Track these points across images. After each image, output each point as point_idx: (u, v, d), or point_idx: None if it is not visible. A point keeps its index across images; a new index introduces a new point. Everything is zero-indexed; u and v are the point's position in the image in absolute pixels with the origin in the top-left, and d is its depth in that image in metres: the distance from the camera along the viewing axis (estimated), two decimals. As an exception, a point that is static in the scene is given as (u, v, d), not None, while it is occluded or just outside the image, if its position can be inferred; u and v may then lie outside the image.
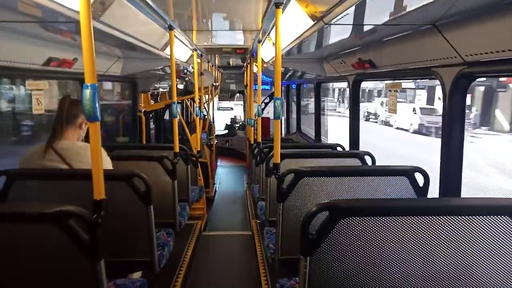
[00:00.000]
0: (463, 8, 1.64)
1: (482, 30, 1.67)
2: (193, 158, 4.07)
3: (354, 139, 3.81)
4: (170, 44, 3.15)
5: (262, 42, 3.79)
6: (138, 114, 5.20)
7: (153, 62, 4.22)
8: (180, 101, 8.08)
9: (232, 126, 11.83)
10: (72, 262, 1.45)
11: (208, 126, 7.68)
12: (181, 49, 4.23)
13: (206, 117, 7.93)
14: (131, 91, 5.08)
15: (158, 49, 3.44)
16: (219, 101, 12.60)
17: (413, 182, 2.20)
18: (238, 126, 11.91)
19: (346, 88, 4.06)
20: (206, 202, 5.79)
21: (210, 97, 8.09)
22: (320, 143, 5.43)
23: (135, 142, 5.16)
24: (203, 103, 6.95)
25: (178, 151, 3.32)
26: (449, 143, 2.16)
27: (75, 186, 1.96)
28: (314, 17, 2.12)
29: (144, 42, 3.03)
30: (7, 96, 4.20)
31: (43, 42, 2.59)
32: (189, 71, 6.45)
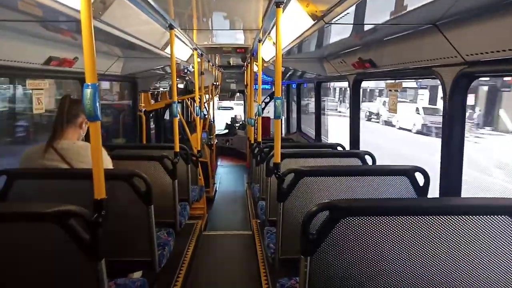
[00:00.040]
0: (464, 7, 1.64)
1: (482, 30, 1.67)
2: (193, 158, 4.07)
3: (354, 139, 3.81)
4: (170, 43, 3.15)
5: (262, 42, 3.78)
6: (139, 113, 5.20)
7: (153, 61, 4.22)
8: (180, 100, 8.08)
9: (232, 125, 11.82)
10: (73, 261, 1.45)
11: (208, 125, 7.68)
12: (181, 48, 4.23)
13: (207, 116, 7.93)
14: (132, 91, 5.08)
15: (158, 48, 3.44)
16: (220, 100, 12.58)
17: (413, 181, 2.20)
18: (238, 126, 11.90)
19: (347, 87, 4.03)
20: (207, 202, 5.79)
21: (211, 96, 8.09)
22: (320, 143, 5.43)
23: (135, 141, 5.15)
24: (203, 103, 6.95)
25: (179, 151, 3.32)
26: (449, 143, 2.16)
27: (76, 186, 1.96)
28: (314, 16, 2.12)
29: (144, 42, 3.03)
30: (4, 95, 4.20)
31: (44, 41, 2.59)
32: (189, 71, 6.45)
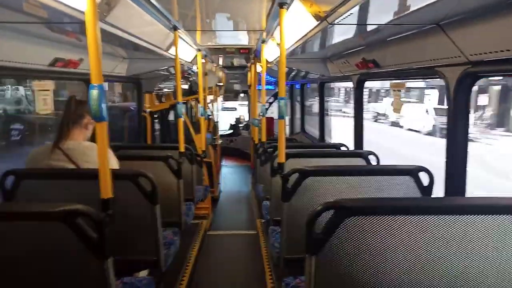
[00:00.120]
0: (467, 7, 1.64)
1: (486, 30, 1.66)
2: (198, 158, 4.09)
3: (358, 139, 3.81)
4: (174, 44, 3.17)
5: (266, 42, 3.80)
6: (143, 114, 5.22)
7: (157, 62, 4.24)
8: (184, 101, 8.10)
9: (236, 126, 11.83)
10: (80, 260, 1.46)
11: (212, 126, 7.70)
12: (185, 49, 4.25)
13: (211, 117, 7.95)
14: (136, 92, 5.11)
15: (162, 49, 3.46)
16: (223, 101, 12.59)
17: (417, 181, 2.20)
18: (242, 126, 11.91)
19: (352, 88, 4.02)
20: (211, 202, 5.80)
21: (214, 97, 8.10)
22: (324, 143, 5.43)
23: (140, 142, 5.18)
24: (207, 103, 6.96)
25: (183, 151, 3.33)
26: (454, 143, 2.15)
27: (82, 186, 1.98)
28: (318, 17, 2.12)
29: (149, 43, 3.05)
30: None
31: (49, 43, 2.61)
32: (193, 71, 6.47)
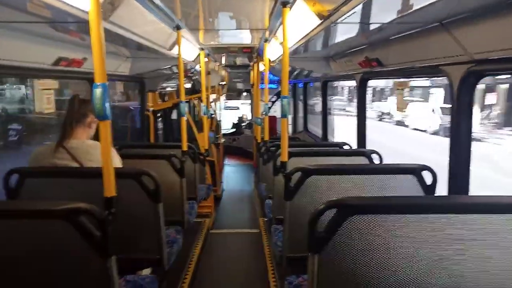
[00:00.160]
0: (471, 6, 1.64)
1: (490, 28, 1.66)
2: (200, 157, 4.10)
3: (361, 137, 3.81)
4: (177, 43, 3.17)
5: (268, 41, 3.79)
6: (146, 113, 5.23)
7: (160, 61, 4.25)
8: (187, 100, 8.11)
9: (239, 125, 11.85)
10: (83, 258, 1.47)
11: (215, 125, 7.71)
12: (188, 48, 4.26)
13: (213, 116, 7.96)
14: (139, 91, 5.12)
15: (165, 48, 3.46)
16: (226, 100, 12.60)
17: (420, 180, 2.20)
18: (245, 125, 11.92)
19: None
20: (214, 200, 5.81)
21: (217, 96, 8.11)
22: (327, 142, 5.42)
23: (143, 141, 5.19)
24: (210, 102, 6.97)
25: (186, 150, 3.34)
26: (457, 141, 2.15)
27: (86, 184, 1.99)
28: (321, 15, 2.12)
29: (152, 42, 3.05)
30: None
31: (53, 42, 2.62)
32: (196, 71, 6.48)
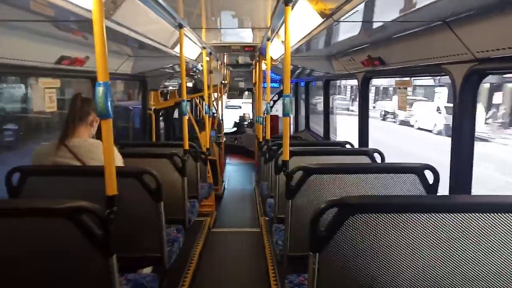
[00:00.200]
0: (474, 4, 1.63)
1: (492, 27, 1.65)
2: (202, 156, 4.10)
3: (363, 137, 3.80)
4: (179, 42, 3.17)
5: (271, 40, 3.79)
6: (148, 112, 5.24)
7: (163, 60, 4.25)
8: (189, 99, 8.11)
9: (241, 124, 11.85)
10: (85, 257, 1.47)
11: (217, 124, 7.71)
12: (190, 47, 4.25)
13: (215, 115, 7.96)
14: (141, 89, 5.12)
15: (168, 47, 3.46)
16: (228, 99, 12.61)
17: (422, 179, 2.19)
18: (247, 124, 11.92)
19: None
20: (215, 199, 5.82)
21: (219, 95, 8.11)
22: (329, 141, 5.43)
23: (145, 139, 5.19)
24: (212, 101, 6.97)
25: (188, 149, 3.34)
26: (459, 140, 2.14)
27: (87, 183, 1.99)
28: (323, 14, 2.12)
29: (154, 41, 3.05)
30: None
31: (56, 41, 2.62)
32: (198, 69, 6.48)
